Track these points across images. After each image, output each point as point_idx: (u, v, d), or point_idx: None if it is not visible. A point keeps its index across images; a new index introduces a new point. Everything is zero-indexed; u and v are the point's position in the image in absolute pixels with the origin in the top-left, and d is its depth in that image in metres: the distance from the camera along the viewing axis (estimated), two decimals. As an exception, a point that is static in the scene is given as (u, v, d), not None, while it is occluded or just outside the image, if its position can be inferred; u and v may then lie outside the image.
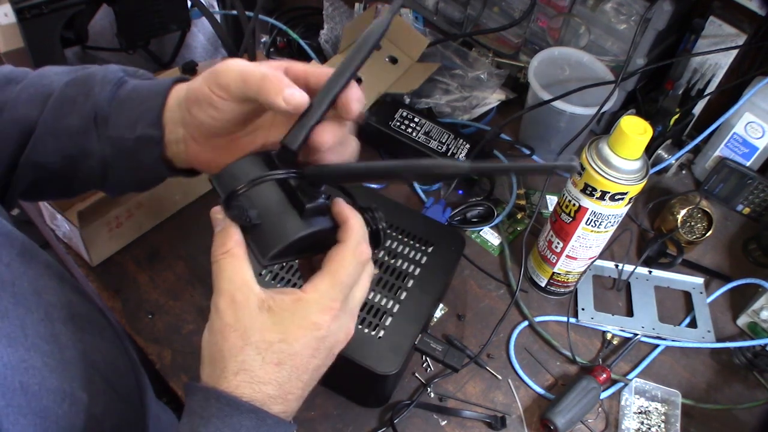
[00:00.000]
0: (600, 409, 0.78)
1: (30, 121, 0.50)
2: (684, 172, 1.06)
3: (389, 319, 0.69)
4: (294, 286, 0.71)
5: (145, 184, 0.55)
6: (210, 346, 0.43)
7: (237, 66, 0.44)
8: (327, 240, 0.44)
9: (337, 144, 0.45)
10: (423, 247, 0.76)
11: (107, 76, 0.51)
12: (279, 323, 0.41)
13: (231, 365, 0.41)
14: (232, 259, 0.42)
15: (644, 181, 0.71)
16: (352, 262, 0.43)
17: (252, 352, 0.41)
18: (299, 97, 0.42)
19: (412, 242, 0.77)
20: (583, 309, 0.86)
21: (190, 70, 0.89)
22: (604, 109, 0.90)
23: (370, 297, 0.71)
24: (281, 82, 0.42)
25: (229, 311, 0.42)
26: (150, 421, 0.59)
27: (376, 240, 0.46)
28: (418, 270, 0.74)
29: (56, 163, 0.51)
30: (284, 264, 0.72)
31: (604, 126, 1.07)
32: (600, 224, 0.75)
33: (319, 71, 0.45)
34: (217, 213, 0.44)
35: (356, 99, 0.44)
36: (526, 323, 0.84)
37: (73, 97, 0.50)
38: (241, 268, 0.42)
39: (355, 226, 0.44)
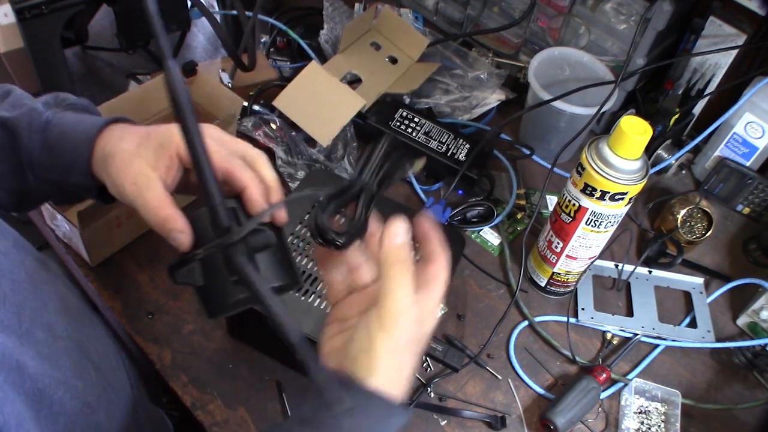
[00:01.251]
0: (600, 409, 0.78)
1: None
2: (684, 172, 1.06)
3: (389, 319, 0.69)
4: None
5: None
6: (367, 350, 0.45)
7: (133, 191, 0.47)
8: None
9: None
10: (423, 247, 0.76)
11: (32, 122, 0.51)
12: (412, 327, 0.45)
13: (391, 363, 0.44)
14: (406, 288, 0.45)
15: (644, 181, 0.71)
16: (442, 281, 0.47)
17: (404, 352, 0.44)
18: (182, 241, 0.46)
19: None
20: (583, 309, 0.86)
21: (190, 70, 0.89)
22: (604, 109, 0.90)
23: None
24: (171, 223, 0.46)
25: (399, 327, 0.44)
26: (141, 415, 0.59)
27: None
28: (418, 270, 0.74)
29: (4, 197, 0.53)
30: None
31: (604, 126, 1.07)
32: (600, 224, 0.75)
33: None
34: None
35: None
36: (526, 323, 0.84)
37: (2, 145, 0.51)
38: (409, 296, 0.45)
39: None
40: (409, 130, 0.96)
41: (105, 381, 0.52)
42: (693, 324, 0.87)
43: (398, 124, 0.97)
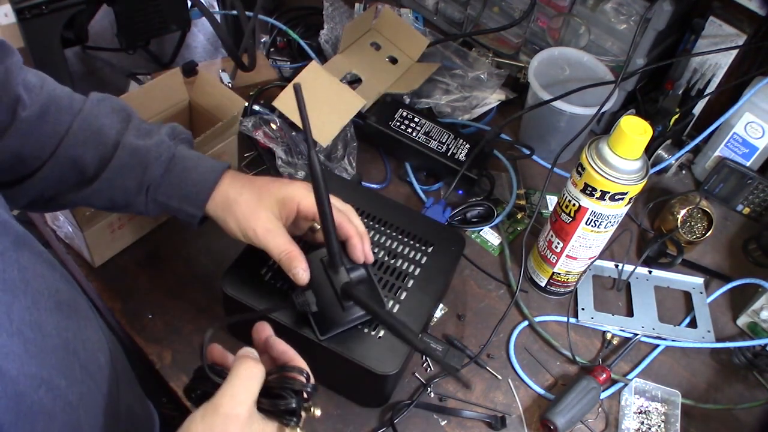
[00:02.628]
0: (600, 409, 0.79)
1: (84, 163, 0.61)
2: (684, 172, 1.06)
3: (389, 319, 0.69)
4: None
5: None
6: None
7: (264, 235, 0.62)
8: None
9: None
10: (423, 247, 0.76)
11: (162, 153, 0.63)
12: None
13: None
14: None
15: (644, 181, 0.71)
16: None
17: None
18: (303, 279, 0.62)
19: (412, 242, 0.77)
20: (583, 309, 0.86)
21: (190, 70, 0.89)
22: (604, 109, 0.90)
23: None
24: (293, 262, 0.61)
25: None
26: (123, 413, 0.60)
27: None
28: (418, 270, 0.74)
29: (102, 205, 0.64)
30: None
31: (604, 126, 1.07)
32: (600, 224, 0.75)
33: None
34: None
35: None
36: (526, 323, 0.84)
37: (133, 166, 0.62)
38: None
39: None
40: (409, 130, 0.96)
41: (90, 379, 0.52)
42: (693, 324, 0.87)
43: (398, 124, 0.97)
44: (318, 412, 0.51)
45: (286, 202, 0.63)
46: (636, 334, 0.84)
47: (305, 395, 0.51)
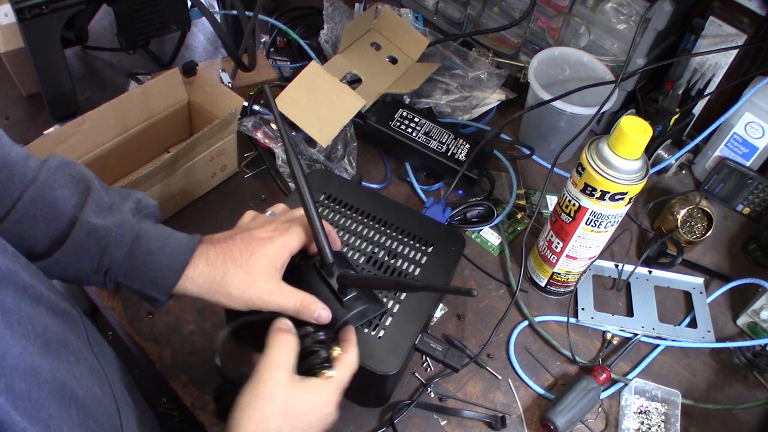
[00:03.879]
0: (600, 409, 0.79)
1: (34, 240, 0.55)
2: (684, 172, 1.06)
3: (389, 319, 0.69)
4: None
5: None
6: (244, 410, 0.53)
7: (271, 299, 0.59)
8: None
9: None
10: (423, 247, 0.76)
11: (124, 235, 0.56)
12: (298, 396, 0.54)
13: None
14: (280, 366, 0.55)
15: (644, 181, 0.71)
16: (351, 367, 0.58)
17: (278, 419, 0.53)
18: (326, 316, 0.59)
19: (412, 242, 0.77)
20: (583, 309, 0.86)
21: (190, 70, 0.89)
22: (604, 109, 0.90)
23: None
24: (311, 306, 0.59)
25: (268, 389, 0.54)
26: None
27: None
28: (418, 270, 0.74)
29: (54, 277, 0.58)
30: None
31: (604, 126, 1.07)
32: (600, 224, 0.75)
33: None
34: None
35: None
36: (526, 323, 0.84)
37: (90, 248, 0.56)
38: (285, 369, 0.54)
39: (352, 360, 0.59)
40: (409, 130, 0.96)
41: (90, 418, 0.51)
42: (693, 324, 0.87)
43: (398, 124, 0.97)
44: (337, 351, 0.58)
45: (277, 258, 0.59)
46: (636, 334, 0.84)
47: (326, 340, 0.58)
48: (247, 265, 0.58)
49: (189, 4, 1.01)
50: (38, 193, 0.55)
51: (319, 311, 0.59)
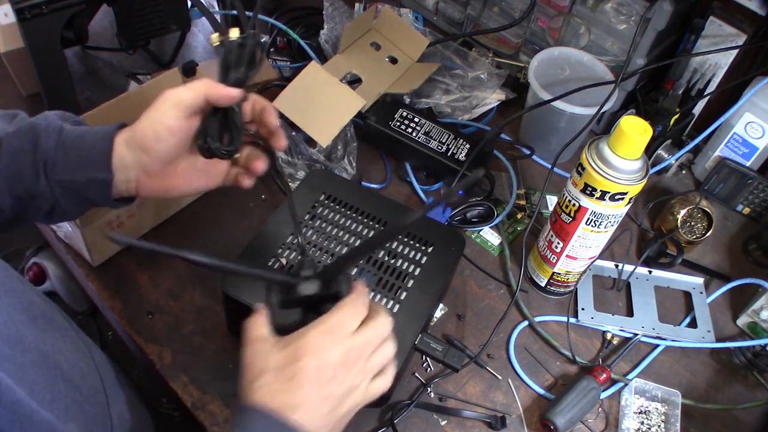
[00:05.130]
0: (600, 409, 0.79)
1: None
2: (684, 172, 1.06)
3: (389, 319, 0.69)
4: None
5: (85, 212, 0.63)
6: (247, 375, 0.51)
7: (179, 90, 0.57)
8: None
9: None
10: (423, 247, 0.76)
11: (50, 125, 0.57)
12: (288, 351, 0.50)
13: (260, 384, 0.49)
14: (257, 324, 0.53)
15: (644, 181, 0.71)
16: (344, 310, 0.52)
17: (271, 374, 0.49)
18: (236, 92, 0.57)
19: (412, 242, 0.77)
20: (583, 309, 0.86)
21: (190, 70, 0.89)
22: (604, 109, 0.90)
23: (370, 297, 0.71)
24: (218, 85, 0.57)
25: (251, 352, 0.52)
26: (114, 420, 0.59)
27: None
28: (418, 270, 0.74)
29: (6, 202, 0.57)
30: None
31: (604, 126, 1.07)
32: (600, 224, 0.75)
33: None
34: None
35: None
36: (526, 323, 0.84)
37: (21, 147, 0.56)
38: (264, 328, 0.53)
39: (359, 290, 0.53)
40: (409, 130, 0.96)
41: (75, 391, 0.52)
42: (693, 324, 0.87)
43: (398, 124, 0.97)
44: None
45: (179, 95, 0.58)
46: (636, 334, 0.84)
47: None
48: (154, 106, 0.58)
49: (189, 4, 1.01)
50: None
51: (229, 90, 0.57)
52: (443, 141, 0.96)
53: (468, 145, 0.96)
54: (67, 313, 0.63)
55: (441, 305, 0.84)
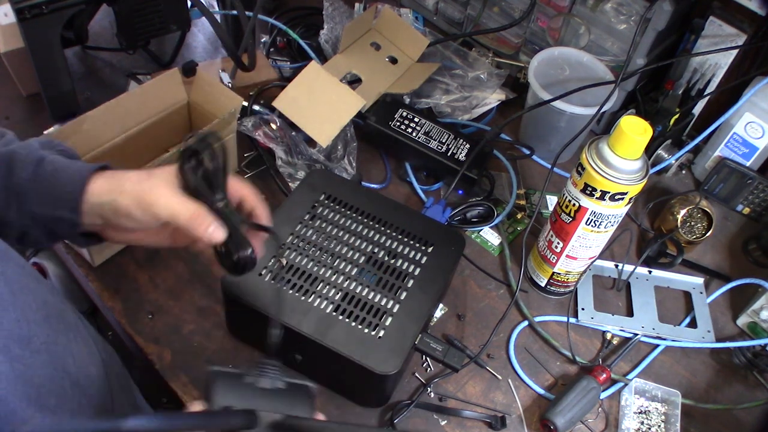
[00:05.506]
0: (600, 409, 0.78)
1: None
2: (684, 172, 1.06)
3: (389, 319, 0.69)
4: (299, 287, 0.71)
5: (43, 246, 0.62)
6: None
7: (167, 202, 0.54)
8: None
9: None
10: (423, 247, 0.76)
11: (29, 155, 0.55)
12: None
13: None
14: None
15: (644, 181, 0.71)
16: None
17: None
18: (220, 234, 0.54)
19: (412, 242, 0.77)
20: (583, 309, 0.86)
21: (190, 70, 0.89)
22: (604, 109, 0.90)
23: (371, 297, 0.71)
24: (206, 220, 0.54)
25: None
26: None
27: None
28: (418, 270, 0.74)
29: None
30: (284, 264, 0.72)
31: (604, 126, 1.07)
32: (600, 224, 0.75)
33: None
34: None
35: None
36: (526, 323, 0.84)
37: None
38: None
39: None
40: (409, 130, 0.96)
41: (81, 394, 0.51)
42: (693, 324, 0.87)
43: (398, 124, 0.97)
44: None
45: (176, 173, 0.56)
46: (636, 334, 0.84)
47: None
48: (147, 175, 0.56)
49: (189, 4, 1.01)
50: None
51: (213, 227, 0.54)
52: (443, 141, 0.96)
53: (468, 145, 0.96)
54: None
55: (441, 305, 0.84)
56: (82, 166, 0.56)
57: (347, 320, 0.68)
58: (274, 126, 0.93)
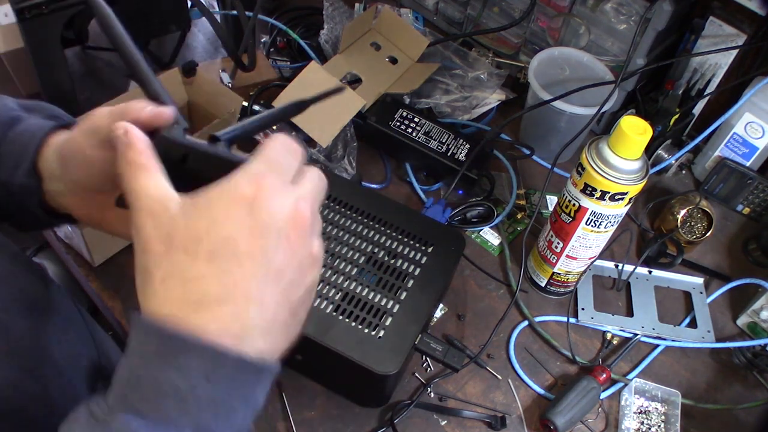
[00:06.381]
0: (600, 409, 0.78)
1: None
2: (684, 172, 1.06)
3: (389, 319, 0.69)
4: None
5: (30, 227, 0.53)
6: (138, 272, 0.36)
7: (106, 108, 0.43)
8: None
9: None
10: (423, 247, 0.76)
11: (1, 116, 0.48)
12: (204, 210, 0.34)
13: (157, 274, 0.34)
14: (147, 172, 0.36)
15: (644, 181, 0.71)
16: (278, 143, 0.37)
17: (179, 255, 0.33)
18: (160, 109, 0.42)
19: (412, 242, 0.77)
20: (583, 309, 0.86)
21: (190, 70, 0.89)
22: (604, 109, 0.90)
23: (371, 297, 0.71)
24: (131, 105, 0.41)
25: (148, 223, 0.35)
26: None
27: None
28: (418, 270, 0.74)
29: None
30: None
31: (604, 126, 1.07)
32: (600, 224, 0.75)
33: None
34: (119, 128, 0.38)
35: None
36: (526, 323, 0.84)
37: None
38: (157, 179, 0.36)
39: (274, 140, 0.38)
40: (409, 130, 0.96)
41: (73, 371, 0.51)
42: (693, 324, 0.87)
43: (398, 124, 0.97)
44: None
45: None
46: (636, 334, 0.84)
47: None
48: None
49: (189, 4, 1.01)
50: None
51: (147, 106, 0.42)
52: (443, 141, 0.96)
53: (468, 145, 0.96)
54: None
55: (441, 305, 0.84)
56: (43, 126, 0.48)
57: (347, 320, 0.68)
58: (274, 126, 0.93)
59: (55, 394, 0.49)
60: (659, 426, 0.77)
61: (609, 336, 0.84)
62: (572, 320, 0.85)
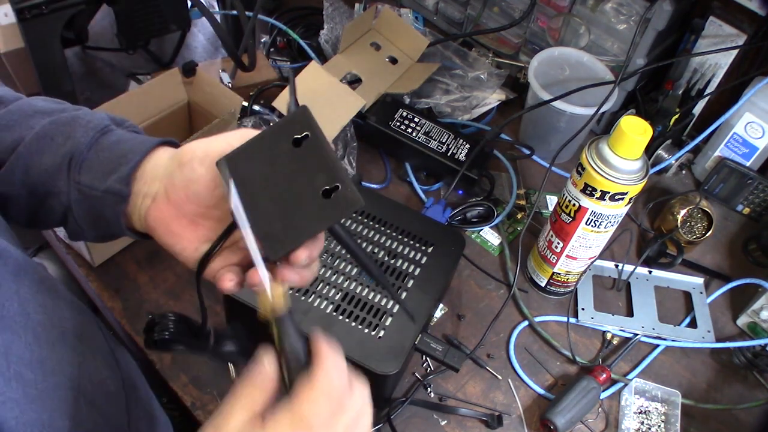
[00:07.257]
0: (600, 409, 0.78)
1: (5, 146, 0.50)
2: (684, 172, 1.06)
3: (389, 319, 0.69)
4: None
5: (100, 237, 0.54)
6: None
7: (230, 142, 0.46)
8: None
9: (307, 264, 0.47)
10: (423, 247, 0.76)
11: (93, 121, 0.50)
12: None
13: None
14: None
15: (644, 181, 0.71)
16: (336, 366, 0.44)
17: None
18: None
19: (412, 242, 0.77)
20: (583, 309, 0.86)
21: (190, 70, 0.89)
22: (604, 109, 0.90)
23: (371, 297, 0.71)
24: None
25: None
26: None
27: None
28: (418, 270, 0.74)
29: (22, 196, 0.50)
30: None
31: (604, 126, 1.07)
32: (600, 224, 0.75)
33: None
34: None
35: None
36: (526, 323, 0.84)
37: (52, 136, 0.49)
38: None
39: (327, 360, 0.45)
40: (409, 130, 0.96)
41: (97, 413, 0.50)
42: (693, 324, 0.87)
43: (398, 124, 0.97)
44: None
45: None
46: (636, 334, 0.84)
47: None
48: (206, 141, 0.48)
49: (189, 4, 1.01)
50: (14, 110, 0.52)
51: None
52: (443, 141, 0.96)
53: (468, 145, 0.96)
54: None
55: (441, 305, 0.84)
56: (152, 138, 0.50)
57: (347, 320, 0.68)
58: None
59: (87, 429, 0.48)
60: (659, 426, 0.77)
61: (609, 336, 0.84)
62: (572, 320, 0.85)
